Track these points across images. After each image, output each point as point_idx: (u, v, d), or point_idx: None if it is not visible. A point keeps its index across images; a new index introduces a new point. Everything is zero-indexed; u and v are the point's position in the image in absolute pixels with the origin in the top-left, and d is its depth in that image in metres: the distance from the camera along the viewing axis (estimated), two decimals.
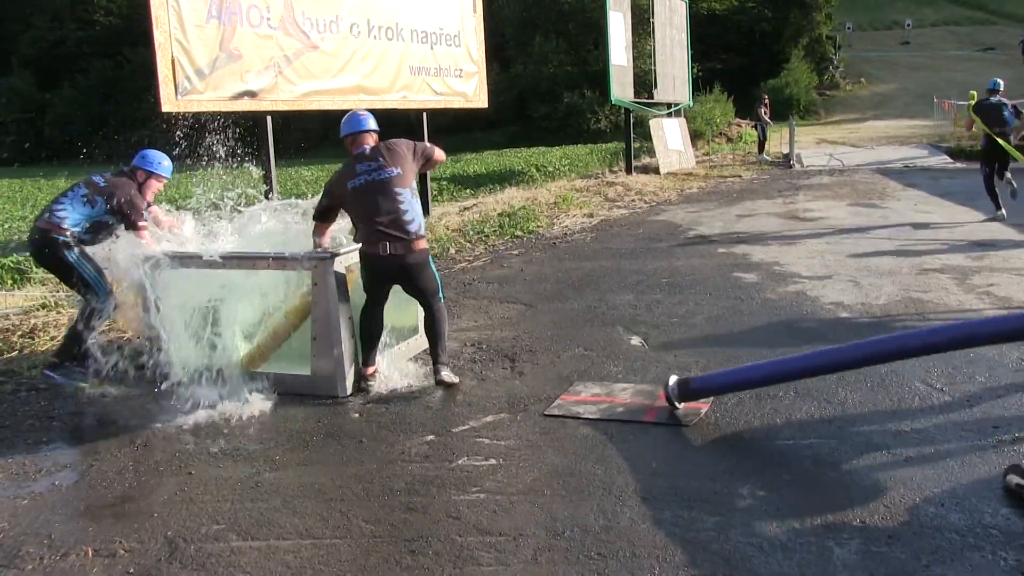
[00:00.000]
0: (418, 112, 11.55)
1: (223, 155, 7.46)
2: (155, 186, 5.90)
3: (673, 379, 4.67)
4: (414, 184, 5.29)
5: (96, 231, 5.67)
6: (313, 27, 8.87)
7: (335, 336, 5.10)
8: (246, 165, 7.74)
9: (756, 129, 24.41)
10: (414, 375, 5.54)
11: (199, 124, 8.06)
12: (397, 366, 5.63)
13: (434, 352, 5.31)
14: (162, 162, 5.93)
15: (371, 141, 5.31)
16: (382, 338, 5.37)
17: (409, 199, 5.11)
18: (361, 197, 5.08)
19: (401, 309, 5.87)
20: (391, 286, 5.26)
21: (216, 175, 6.99)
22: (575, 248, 10.32)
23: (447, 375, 5.21)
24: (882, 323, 6.51)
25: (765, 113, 23.63)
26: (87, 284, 5.60)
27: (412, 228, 5.06)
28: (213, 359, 5.26)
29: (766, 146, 23.56)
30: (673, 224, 12.14)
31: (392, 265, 5.04)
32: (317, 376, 5.19)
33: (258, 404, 5.04)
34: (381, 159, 5.14)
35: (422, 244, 5.13)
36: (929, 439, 4.25)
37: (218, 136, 7.68)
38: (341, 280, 5.19)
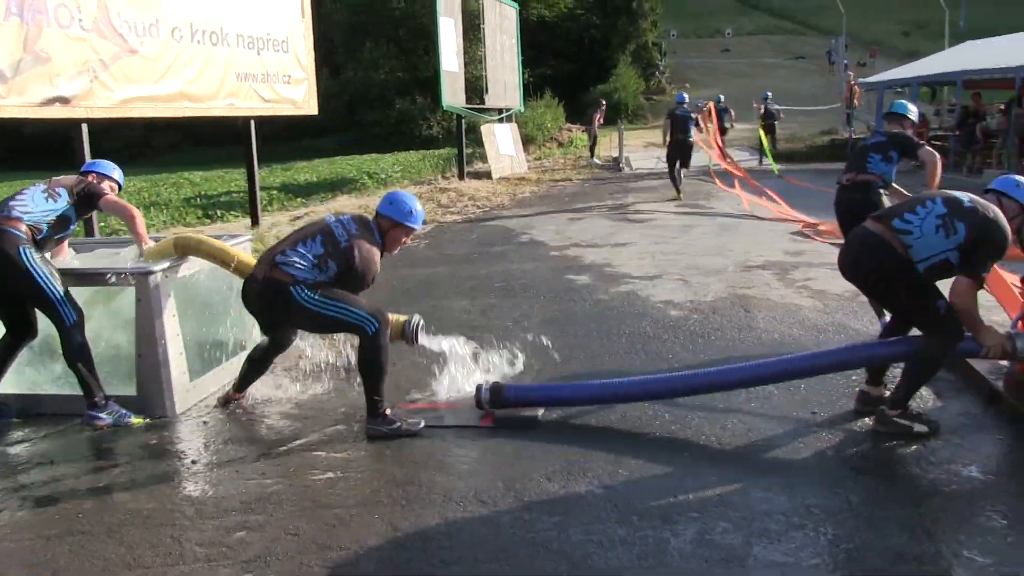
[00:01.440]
0: (246, 119, 11.23)
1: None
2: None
3: (485, 385, 4.73)
4: None
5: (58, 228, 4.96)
6: (131, 30, 8.43)
7: (162, 353, 4.88)
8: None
9: (588, 134, 25.12)
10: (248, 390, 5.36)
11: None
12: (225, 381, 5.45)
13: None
14: (115, 169, 5.43)
15: None
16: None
17: None
18: None
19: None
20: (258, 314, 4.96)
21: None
22: (409, 255, 10.28)
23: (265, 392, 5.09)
24: (709, 320, 6.82)
25: (599, 119, 24.32)
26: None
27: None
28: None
29: (596, 150, 24.25)
30: (506, 228, 12.31)
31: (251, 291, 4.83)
32: (143, 395, 4.95)
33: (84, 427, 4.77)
34: None
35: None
36: (756, 429, 4.51)
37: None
38: (167, 294, 4.96)
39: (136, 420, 4.83)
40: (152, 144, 36.02)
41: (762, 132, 21.71)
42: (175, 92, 9.23)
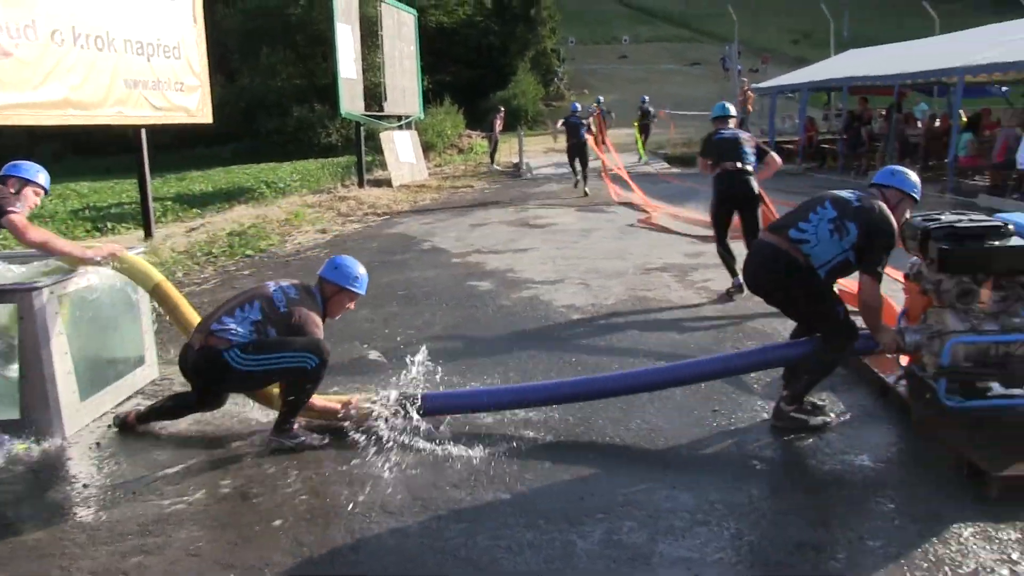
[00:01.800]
0: (136, 128, 10.89)
1: None
2: (32, 199, 5.03)
3: (394, 395, 4.68)
4: None
5: None
6: (3, 31, 8.05)
7: (48, 373, 4.67)
8: None
9: (488, 140, 25.21)
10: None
11: None
12: (118, 400, 5.26)
13: None
14: (40, 172, 5.10)
15: None
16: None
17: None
18: None
19: (116, 339, 5.51)
20: None
21: None
22: (309, 265, 10.13)
23: None
24: (611, 322, 6.92)
25: (499, 124, 24.44)
26: None
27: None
28: None
29: (496, 156, 24.35)
30: (407, 236, 12.24)
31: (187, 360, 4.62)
32: (28, 419, 4.70)
33: None
34: None
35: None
36: (659, 428, 4.59)
37: None
38: (54, 311, 4.73)
39: (20, 446, 4.56)
40: (36, 154, 34.67)
41: (637, 131, 24.62)
42: (59, 99, 8.86)
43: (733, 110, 8.25)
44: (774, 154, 7.75)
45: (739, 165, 7.44)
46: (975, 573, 3.11)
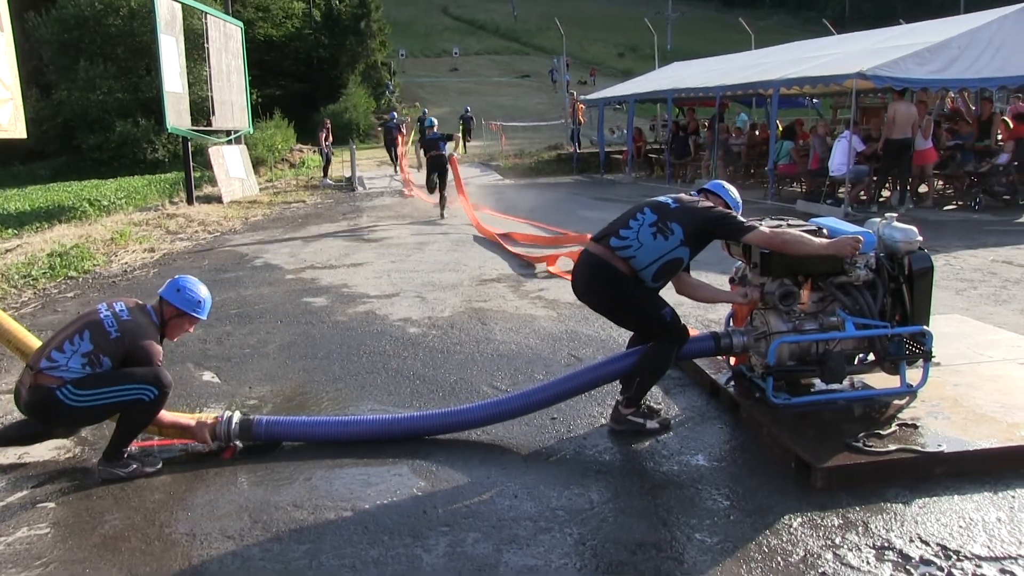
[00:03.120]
0: None
1: None
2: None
3: (236, 418, 4.55)
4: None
5: None
6: None
7: None
8: None
9: (320, 154, 24.85)
10: None
11: None
12: None
13: None
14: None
15: None
16: None
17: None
18: None
19: None
20: None
21: None
22: (136, 285, 9.69)
23: None
24: (448, 335, 6.92)
25: (326, 138, 24.11)
26: None
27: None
28: None
29: (328, 170, 24.03)
30: (239, 254, 11.89)
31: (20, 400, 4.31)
32: None
33: None
34: None
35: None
36: (499, 437, 4.62)
37: None
38: None
39: None
40: None
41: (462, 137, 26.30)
42: None
43: (435, 121, 14.84)
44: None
45: (439, 151, 14.72)
46: (804, 559, 3.26)
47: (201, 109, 20.43)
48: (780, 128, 17.39)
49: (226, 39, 20.60)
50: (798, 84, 15.63)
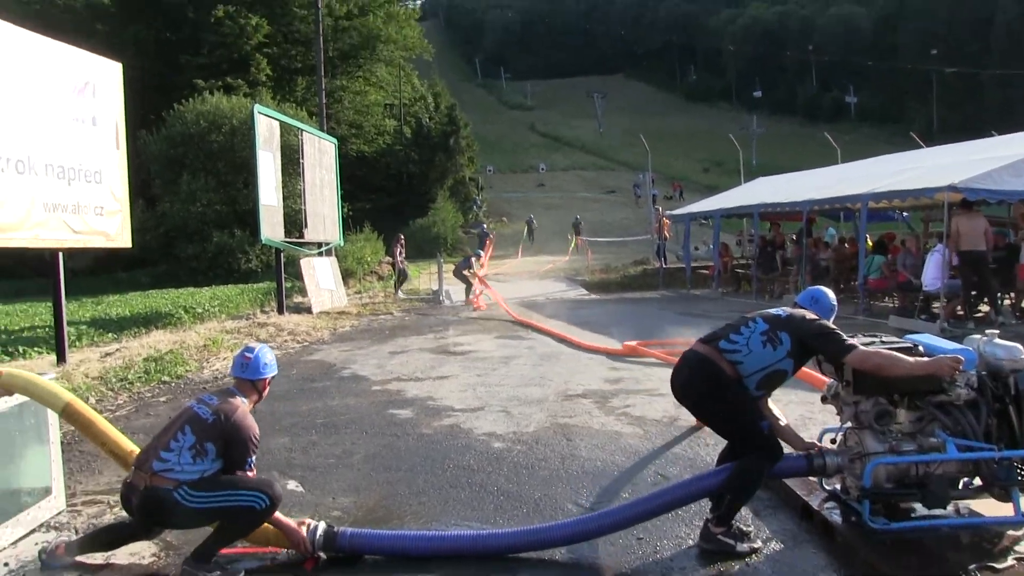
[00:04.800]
0: (53, 251, 10.71)
1: None
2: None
3: (320, 529, 4.54)
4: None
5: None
6: None
7: None
8: None
9: (393, 268, 25.39)
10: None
11: None
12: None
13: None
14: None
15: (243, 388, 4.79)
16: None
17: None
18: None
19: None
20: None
21: None
22: None
23: None
24: (533, 450, 6.84)
25: (400, 252, 24.66)
26: None
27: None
28: None
29: (403, 284, 24.45)
30: (327, 363, 12.08)
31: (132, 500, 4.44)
32: None
33: None
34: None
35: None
36: (583, 558, 4.52)
37: None
38: None
39: None
40: None
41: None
42: None
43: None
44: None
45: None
46: None
47: (294, 221, 21.12)
48: (870, 242, 17.15)
49: (320, 155, 21.43)
50: (887, 197, 15.44)
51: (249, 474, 4.45)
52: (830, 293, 4.90)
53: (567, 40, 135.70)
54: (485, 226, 40.10)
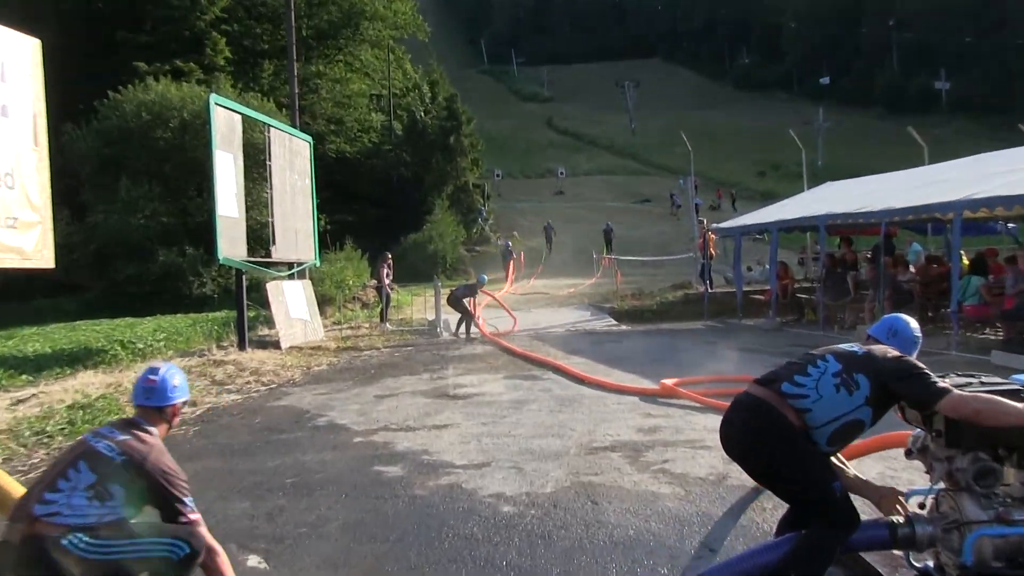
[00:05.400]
0: None
1: None
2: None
3: None
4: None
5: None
6: None
7: None
8: None
9: (379, 293, 25.36)
10: None
11: None
12: None
13: None
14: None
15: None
16: None
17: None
18: None
19: None
20: None
21: None
22: (172, 447, 9.81)
23: None
24: (550, 516, 6.79)
25: (387, 275, 24.62)
26: None
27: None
28: None
29: (388, 312, 24.44)
30: (299, 410, 12.07)
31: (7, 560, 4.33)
32: None
33: None
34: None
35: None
36: None
37: None
38: None
39: None
40: None
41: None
42: None
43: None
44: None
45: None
46: None
47: (259, 237, 21.17)
48: (966, 260, 17.04)
49: (292, 156, 21.47)
50: (987, 205, 15.29)
51: (192, 517, 4.44)
52: (912, 323, 4.84)
53: (592, 18, 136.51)
54: (510, 244, 40.24)
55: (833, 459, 4.73)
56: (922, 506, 4.93)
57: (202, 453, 9.61)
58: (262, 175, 21.41)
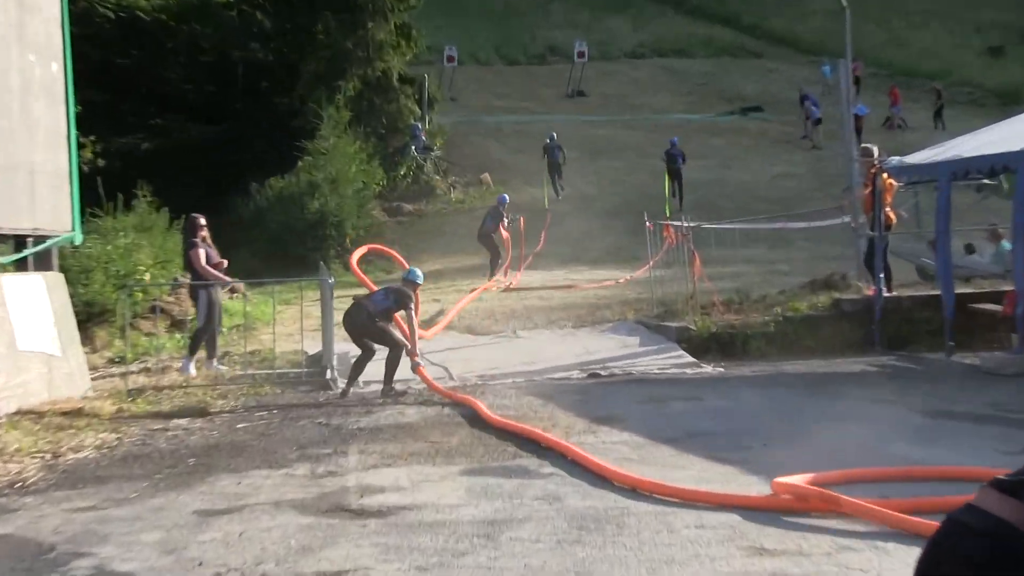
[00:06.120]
0: None
1: None
2: None
3: None
4: None
5: None
6: None
7: None
8: None
9: (193, 301, 24.76)
10: None
11: None
12: None
13: None
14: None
15: None
16: None
17: None
18: None
19: None
20: None
21: None
22: None
23: None
24: None
25: (202, 252, 24.10)
26: None
27: None
28: None
29: (216, 340, 24.19)
30: (33, 544, 11.90)
31: None
32: None
33: None
34: None
35: None
36: None
37: None
38: None
39: None
40: None
41: None
42: None
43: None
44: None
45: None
46: None
47: None
48: None
49: (18, 11, 21.18)
50: None
51: None
52: None
53: None
54: (507, 196, 40.24)
55: None
56: None
57: None
58: None
